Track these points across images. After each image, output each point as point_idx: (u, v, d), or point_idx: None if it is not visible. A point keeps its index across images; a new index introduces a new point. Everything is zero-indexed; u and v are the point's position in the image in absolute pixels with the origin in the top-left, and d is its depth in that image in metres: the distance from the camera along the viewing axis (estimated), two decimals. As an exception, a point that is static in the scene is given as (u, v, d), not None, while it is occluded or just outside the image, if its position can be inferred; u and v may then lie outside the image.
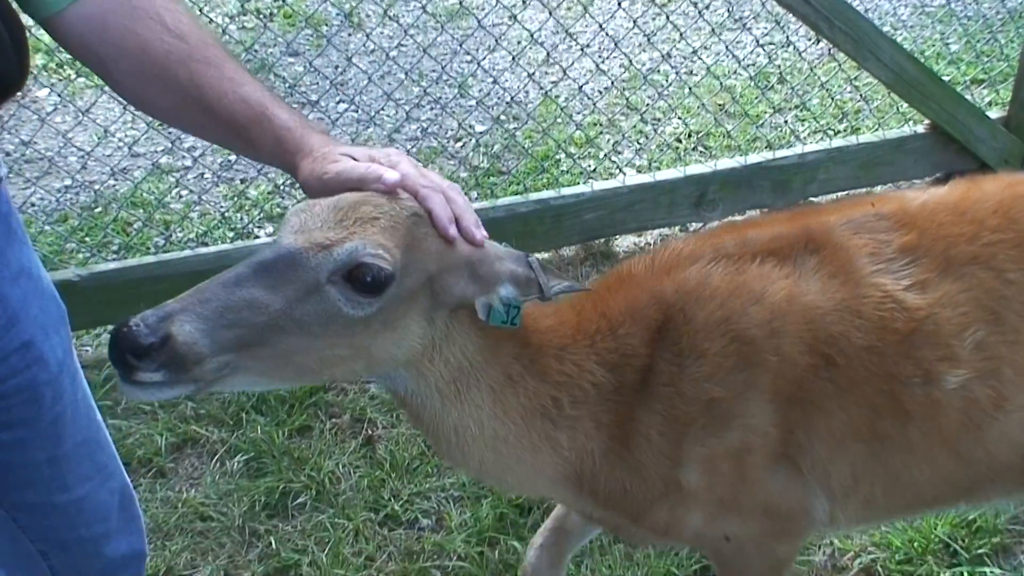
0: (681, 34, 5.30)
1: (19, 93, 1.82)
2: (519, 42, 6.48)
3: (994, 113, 5.31)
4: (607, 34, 5.92)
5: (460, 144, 5.85)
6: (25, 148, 5.13)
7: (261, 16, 6.95)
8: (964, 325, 2.14)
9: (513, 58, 5.35)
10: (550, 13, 5.00)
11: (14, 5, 1.77)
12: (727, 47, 5.67)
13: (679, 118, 5.83)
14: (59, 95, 5.27)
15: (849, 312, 2.11)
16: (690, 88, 5.72)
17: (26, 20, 1.82)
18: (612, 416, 2.10)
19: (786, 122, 5.81)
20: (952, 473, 2.30)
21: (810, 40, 6.10)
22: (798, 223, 2.24)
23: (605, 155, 5.53)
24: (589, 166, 5.43)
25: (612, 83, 5.61)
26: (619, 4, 5.18)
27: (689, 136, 5.77)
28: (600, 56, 5.87)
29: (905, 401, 2.15)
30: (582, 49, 5.33)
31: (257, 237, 4.93)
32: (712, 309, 2.09)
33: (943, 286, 2.14)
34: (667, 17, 5.58)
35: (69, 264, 4.56)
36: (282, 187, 5.20)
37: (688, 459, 2.12)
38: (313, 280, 1.69)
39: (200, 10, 5.02)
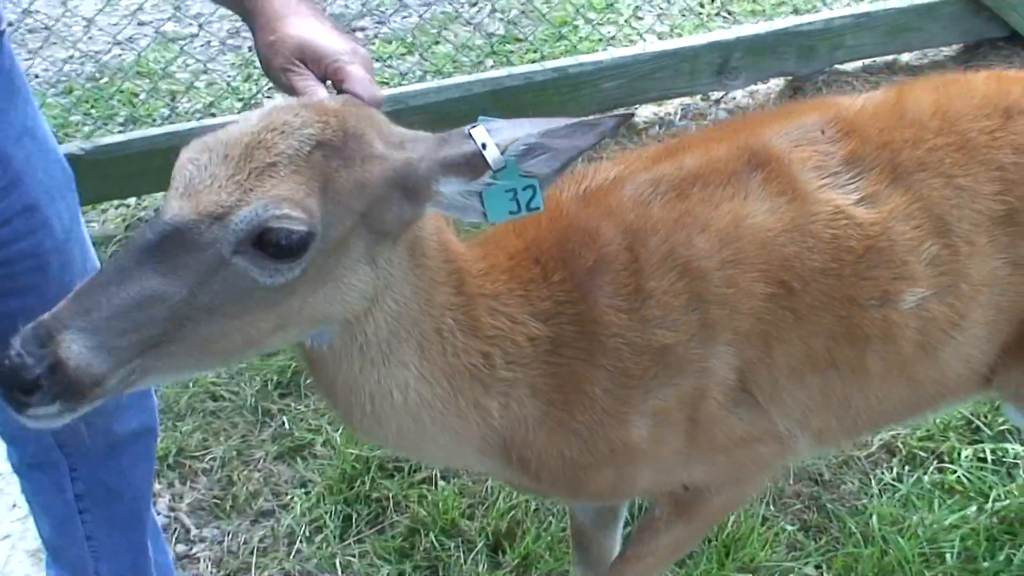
0: None
1: None
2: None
3: (1029, -22, 5.09)
4: None
5: (476, 9, 5.66)
6: (26, 16, 5.00)
7: None
8: (919, 239, 2.00)
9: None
10: None
11: None
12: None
13: (703, -20, 5.61)
14: (59, -40, 5.09)
15: (801, 232, 1.94)
16: (715, -52, 5.50)
17: None
18: (550, 379, 1.88)
19: (814, -14, 5.58)
20: (906, 396, 2.19)
21: None
22: (734, 140, 2.05)
23: (625, 20, 5.35)
24: (608, 33, 5.25)
25: (635, -59, 5.39)
26: None
27: (712, 1, 5.56)
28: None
29: (863, 325, 2.01)
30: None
31: (267, 108, 4.80)
32: (656, 244, 1.89)
33: (893, 198, 2.00)
34: None
35: (75, 137, 4.48)
36: (292, 55, 5.04)
37: (637, 413, 1.93)
38: (215, 257, 1.42)
39: None
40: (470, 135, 1.57)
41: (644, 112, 4.82)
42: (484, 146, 1.55)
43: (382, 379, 1.72)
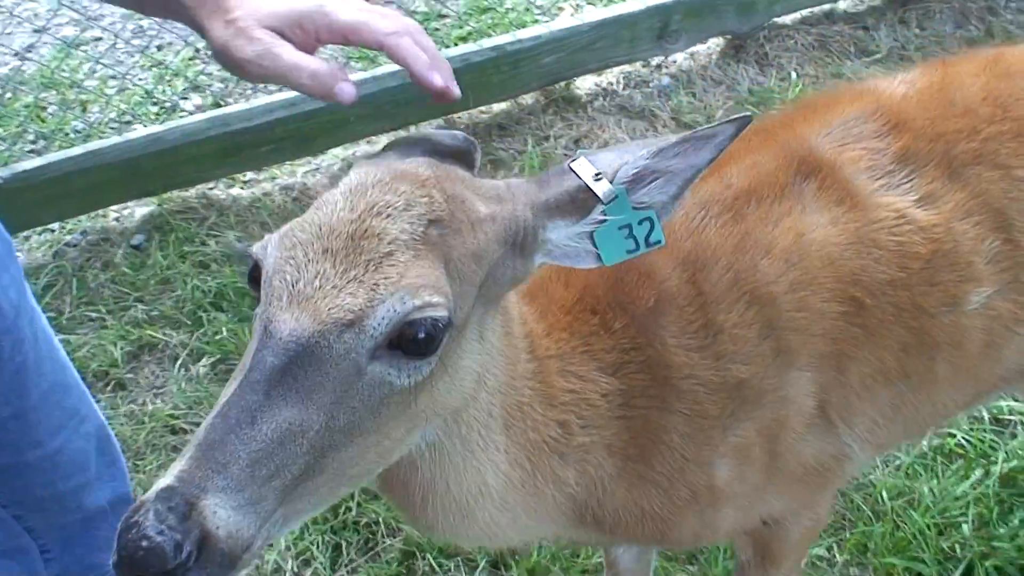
0: None
1: None
2: None
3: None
4: None
5: (393, -13, 5.42)
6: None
7: None
8: (980, 237, 1.90)
9: None
10: None
11: None
12: None
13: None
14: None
15: (865, 243, 1.82)
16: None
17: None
18: (625, 434, 1.73)
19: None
20: (969, 395, 2.12)
21: None
22: (776, 146, 1.92)
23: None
24: (537, 0, 5.07)
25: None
26: None
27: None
28: None
29: (933, 333, 1.90)
30: None
31: (184, 111, 4.53)
32: (719, 273, 1.76)
33: (952, 195, 1.89)
34: None
35: (-18, 160, 4.17)
36: (203, 50, 4.78)
37: (718, 455, 1.80)
38: (351, 369, 1.25)
39: None
40: (571, 169, 1.40)
41: (585, 84, 4.63)
42: (596, 177, 1.38)
43: (479, 468, 1.56)
